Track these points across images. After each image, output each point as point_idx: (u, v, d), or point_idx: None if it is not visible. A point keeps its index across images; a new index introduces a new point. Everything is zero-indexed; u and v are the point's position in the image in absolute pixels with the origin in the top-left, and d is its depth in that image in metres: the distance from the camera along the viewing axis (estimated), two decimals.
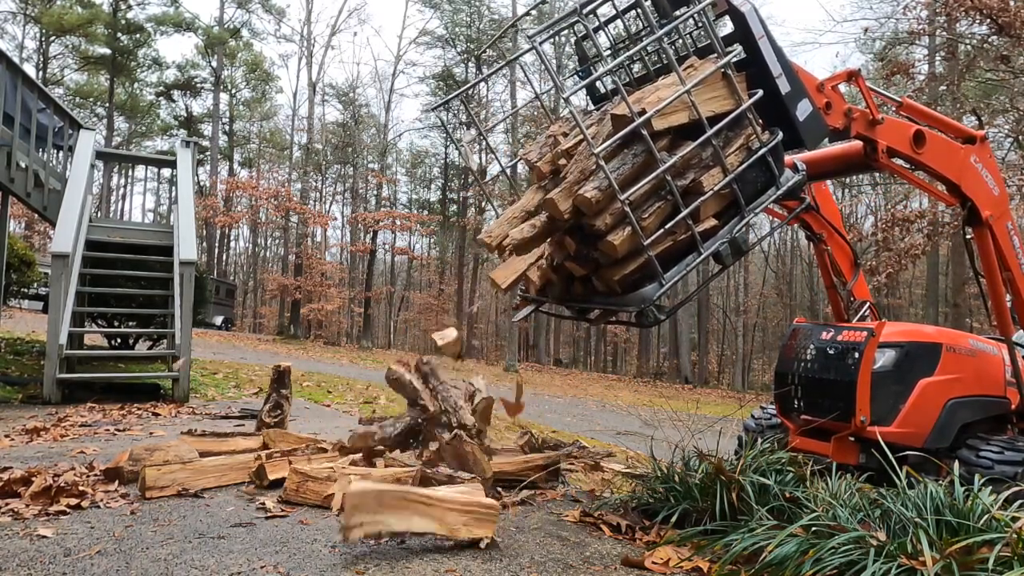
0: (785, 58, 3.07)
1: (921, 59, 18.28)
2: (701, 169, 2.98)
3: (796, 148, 3.34)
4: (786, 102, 3.06)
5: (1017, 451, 3.66)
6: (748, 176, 3.04)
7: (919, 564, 2.05)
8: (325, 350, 22.34)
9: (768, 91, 3.02)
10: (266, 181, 34.15)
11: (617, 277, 2.95)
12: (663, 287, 2.89)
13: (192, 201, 8.01)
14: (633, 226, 2.76)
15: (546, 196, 2.94)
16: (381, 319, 41.73)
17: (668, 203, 2.88)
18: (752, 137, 3.04)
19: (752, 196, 3.10)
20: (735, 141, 3.06)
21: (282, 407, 4.68)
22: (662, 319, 2.99)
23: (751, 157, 3.00)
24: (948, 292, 22.27)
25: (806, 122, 3.12)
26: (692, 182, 2.94)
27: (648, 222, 2.84)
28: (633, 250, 2.87)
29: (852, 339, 3.98)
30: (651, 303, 2.88)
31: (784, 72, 3.04)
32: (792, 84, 3.07)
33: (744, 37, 3.01)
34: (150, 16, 35.13)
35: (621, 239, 2.81)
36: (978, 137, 3.96)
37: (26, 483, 3.02)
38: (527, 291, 3.53)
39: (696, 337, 31.47)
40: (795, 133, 3.13)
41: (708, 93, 2.94)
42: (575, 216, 2.89)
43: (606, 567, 2.59)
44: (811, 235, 4.67)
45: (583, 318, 3.71)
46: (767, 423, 4.64)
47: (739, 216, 3.06)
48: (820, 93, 3.31)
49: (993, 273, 4.04)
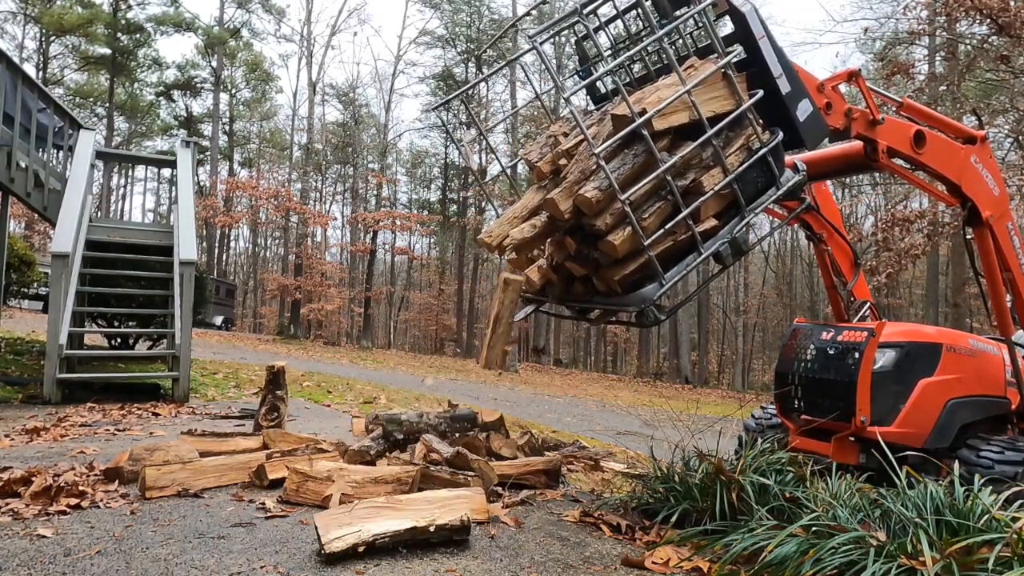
0: (785, 58, 3.08)
1: (921, 59, 18.28)
2: (701, 169, 2.98)
3: (797, 148, 3.34)
4: (787, 102, 3.06)
5: (1017, 451, 3.66)
6: (748, 176, 3.04)
7: (919, 564, 2.05)
8: (325, 350, 22.33)
9: (768, 91, 3.02)
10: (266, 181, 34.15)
11: (617, 277, 2.95)
12: (663, 287, 2.89)
13: (192, 201, 8.00)
14: (633, 226, 2.76)
15: (547, 196, 2.94)
16: (381, 319, 41.74)
17: (668, 203, 2.88)
18: (752, 137, 3.04)
19: (752, 196, 3.10)
20: (735, 141, 3.06)
21: (278, 409, 4.66)
22: (662, 319, 2.99)
23: (751, 157, 3.00)
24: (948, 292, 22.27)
25: (807, 122, 3.12)
26: (692, 182, 2.95)
27: (648, 222, 2.84)
28: (633, 250, 2.87)
29: (852, 339, 3.98)
30: (651, 303, 2.89)
31: (785, 72, 3.05)
32: (793, 84, 3.07)
33: (744, 37, 3.02)
34: (150, 16, 35.15)
35: (622, 239, 2.81)
36: (978, 137, 3.96)
37: (26, 483, 3.02)
38: (527, 291, 3.54)
39: (696, 337, 31.47)
40: (795, 133, 3.13)
41: (708, 93, 2.95)
42: (575, 216, 2.89)
43: (606, 567, 2.59)
44: (811, 235, 4.67)
45: (583, 318, 3.72)
46: (767, 423, 4.64)
47: (739, 216, 3.06)
48: (820, 93, 3.31)
49: (993, 273, 4.04)
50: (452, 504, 2.78)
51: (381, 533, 2.48)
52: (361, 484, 3.08)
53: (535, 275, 3.43)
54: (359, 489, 3.06)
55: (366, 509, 2.60)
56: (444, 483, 3.19)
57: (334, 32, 35.74)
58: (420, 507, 2.71)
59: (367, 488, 3.07)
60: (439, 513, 2.66)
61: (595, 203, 2.76)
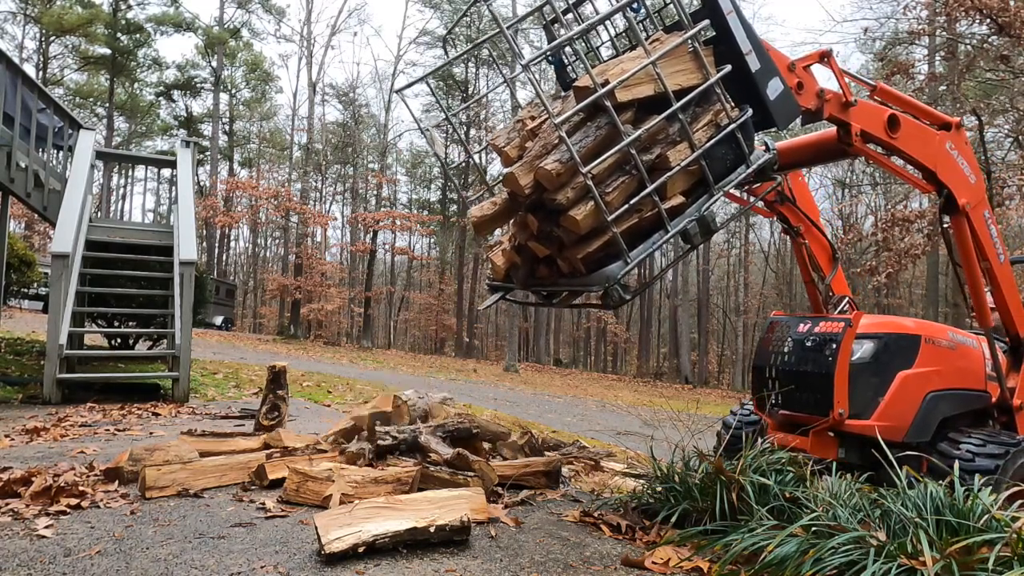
0: (755, 35, 3.01)
1: (921, 59, 18.28)
2: (668, 144, 2.90)
3: (767, 128, 3.29)
4: (756, 80, 2.98)
5: (998, 444, 3.60)
6: (717, 153, 2.96)
7: (919, 564, 2.05)
8: (325, 350, 22.33)
9: (738, 69, 2.95)
10: (266, 181, 34.23)
11: (581, 255, 2.87)
12: (628, 265, 2.79)
13: (192, 201, 8.00)
14: (596, 200, 2.66)
15: (506, 171, 2.86)
16: (381, 319, 41.74)
17: (633, 178, 2.79)
18: (721, 114, 2.96)
19: (722, 174, 3.02)
20: (703, 117, 2.98)
21: (279, 408, 4.66)
22: (627, 299, 2.87)
23: (720, 133, 2.93)
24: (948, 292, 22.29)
25: (777, 101, 3.05)
26: (658, 157, 2.86)
27: (612, 197, 2.75)
28: (597, 227, 2.78)
29: (829, 330, 3.90)
30: (616, 282, 2.79)
31: (754, 49, 2.97)
32: (763, 62, 3.00)
33: (712, 13, 2.94)
34: (150, 16, 35.17)
35: (584, 214, 2.72)
36: (953, 124, 3.90)
37: (26, 483, 3.02)
38: (493, 278, 3.47)
39: (696, 337, 31.48)
40: (766, 112, 3.06)
41: (675, 66, 2.88)
42: (536, 192, 2.81)
43: (606, 567, 2.59)
44: (788, 229, 4.58)
45: (549, 303, 3.64)
46: (746, 419, 4.58)
47: (708, 194, 2.97)
48: (792, 73, 3.24)
49: (971, 263, 3.98)
50: (452, 504, 2.78)
51: (381, 533, 2.48)
52: (361, 484, 3.08)
53: (499, 259, 3.34)
54: (359, 489, 3.05)
55: (366, 509, 2.60)
56: (444, 483, 3.19)
57: (334, 32, 35.78)
58: (420, 507, 2.70)
59: (367, 488, 3.07)
60: (439, 513, 2.66)
61: (555, 176, 2.67)
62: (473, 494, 2.98)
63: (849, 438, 3.83)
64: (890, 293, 27.77)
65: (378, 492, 3.05)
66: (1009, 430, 4.11)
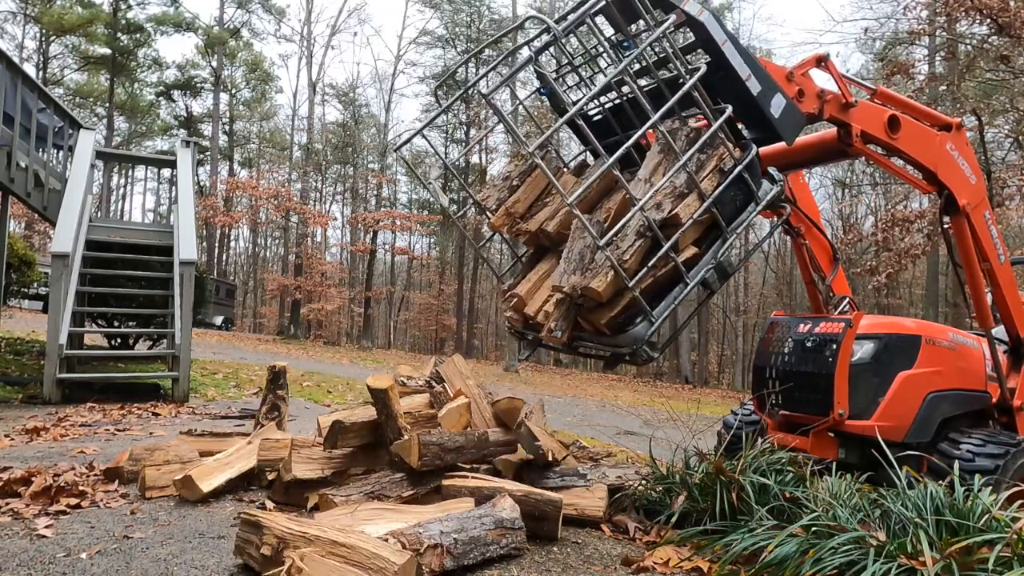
0: (751, 57, 3.03)
1: (921, 59, 18.28)
2: (676, 199, 2.92)
3: (774, 143, 3.29)
4: (759, 102, 3.01)
5: (997, 444, 3.60)
6: (726, 197, 2.98)
7: (919, 564, 2.05)
8: (325, 350, 22.33)
9: (739, 93, 2.97)
10: (266, 181, 34.11)
11: (604, 320, 2.89)
12: (654, 325, 2.82)
13: (192, 201, 8.00)
14: (616, 270, 2.70)
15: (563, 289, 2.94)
16: (381, 319, 41.72)
17: (647, 239, 2.83)
18: (725, 157, 2.98)
19: (732, 216, 3.03)
20: (707, 164, 2.99)
21: (279, 408, 4.64)
22: (655, 356, 2.92)
23: (726, 179, 2.94)
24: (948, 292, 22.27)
25: (782, 116, 3.07)
26: (670, 214, 2.89)
27: (630, 263, 2.78)
28: (617, 292, 2.82)
29: (830, 331, 3.90)
30: (644, 342, 2.83)
31: (753, 72, 3.00)
32: (763, 83, 3.02)
33: (706, 44, 2.97)
34: (150, 16, 35.13)
35: (604, 284, 2.75)
36: (954, 124, 3.90)
37: (26, 483, 3.02)
38: (513, 328, 3.50)
39: (696, 337, 31.47)
40: (772, 130, 3.08)
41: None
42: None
43: (606, 567, 2.59)
44: (789, 229, 4.59)
45: (576, 352, 3.69)
46: (746, 419, 4.58)
47: (722, 239, 2.99)
48: (790, 82, 3.26)
49: (971, 263, 3.98)
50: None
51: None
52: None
53: (518, 314, 3.39)
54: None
55: (368, 511, 2.60)
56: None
57: (334, 32, 35.74)
58: (422, 509, 2.70)
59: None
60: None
61: (601, 292, 2.75)
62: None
63: (849, 438, 3.83)
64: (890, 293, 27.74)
65: None
66: (1009, 430, 4.11)
